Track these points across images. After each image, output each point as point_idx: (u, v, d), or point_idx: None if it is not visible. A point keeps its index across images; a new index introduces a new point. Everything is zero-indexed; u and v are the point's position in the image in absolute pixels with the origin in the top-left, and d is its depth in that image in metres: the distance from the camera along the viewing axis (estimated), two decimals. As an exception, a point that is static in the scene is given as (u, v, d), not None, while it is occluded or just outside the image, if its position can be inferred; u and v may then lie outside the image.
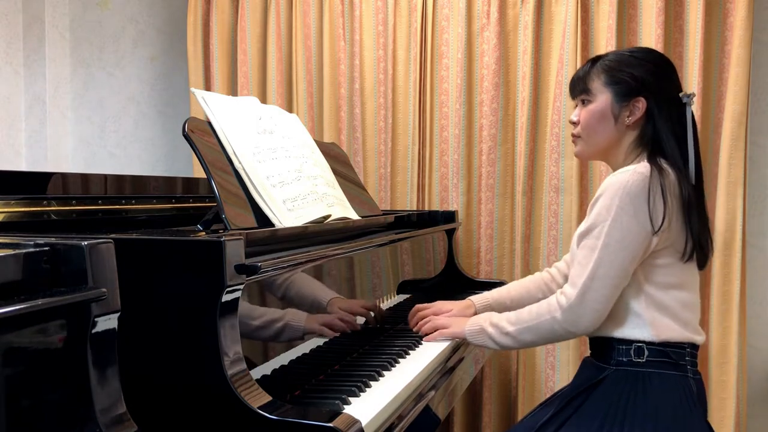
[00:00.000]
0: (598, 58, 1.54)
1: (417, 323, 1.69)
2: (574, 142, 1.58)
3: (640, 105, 1.46)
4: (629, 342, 1.42)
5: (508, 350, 1.62)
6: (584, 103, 1.53)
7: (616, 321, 1.43)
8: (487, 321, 1.54)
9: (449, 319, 1.66)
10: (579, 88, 1.55)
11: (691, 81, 2.32)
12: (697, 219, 1.41)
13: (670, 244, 1.40)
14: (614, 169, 1.51)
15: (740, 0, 2.24)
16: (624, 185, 1.37)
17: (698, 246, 1.42)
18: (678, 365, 1.41)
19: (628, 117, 1.47)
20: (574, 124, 1.55)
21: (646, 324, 1.41)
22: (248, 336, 1.13)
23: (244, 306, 1.11)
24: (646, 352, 1.40)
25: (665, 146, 1.44)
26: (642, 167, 1.39)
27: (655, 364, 1.40)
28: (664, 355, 1.40)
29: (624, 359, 1.42)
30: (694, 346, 1.44)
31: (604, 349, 1.46)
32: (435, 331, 1.64)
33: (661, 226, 1.36)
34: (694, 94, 1.48)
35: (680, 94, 1.48)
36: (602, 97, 1.49)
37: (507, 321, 1.50)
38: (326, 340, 1.40)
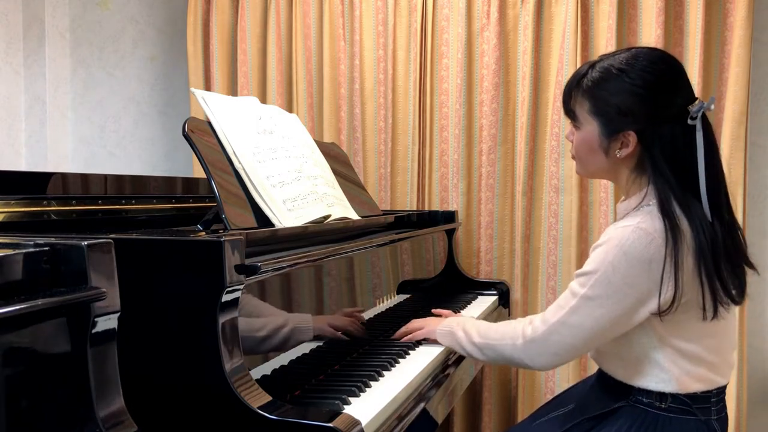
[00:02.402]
0: (583, 77, 1.32)
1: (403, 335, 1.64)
2: (573, 158, 1.41)
3: (631, 139, 1.27)
4: (650, 391, 1.29)
5: (475, 360, 1.57)
6: (573, 125, 1.37)
7: (638, 372, 1.30)
8: (460, 326, 1.49)
9: (424, 320, 1.63)
10: (566, 109, 1.37)
11: (692, 81, 2.31)
12: (714, 272, 1.22)
13: (687, 300, 1.23)
14: (620, 189, 1.38)
15: (740, 0, 2.24)
16: (622, 243, 1.21)
17: (720, 302, 1.23)
18: (702, 410, 1.29)
19: (618, 150, 1.29)
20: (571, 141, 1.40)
21: (672, 379, 1.27)
22: (255, 350, 1.13)
23: (246, 321, 1.11)
24: (669, 399, 1.28)
25: (668, 184, 1.25)
26: (648, 222, 1.22)
27: (677, 411, 1.28)
28: (688, 405, 1.28)
29: (644, 400, 1.30)
30: (721, 389, 1.32)
31: (622, 387, 1.33)
32: (409, 334, 1.61)
33: (669, 309, 1.22)
34: (712, 101, 1.27)
35: (689, 108, 1.26)
36: (588, 127, 1.32)
37: (477, 331, 1.44)
38: (326, 339, 1.40)
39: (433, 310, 1.81)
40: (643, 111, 1.26)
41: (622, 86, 1.27)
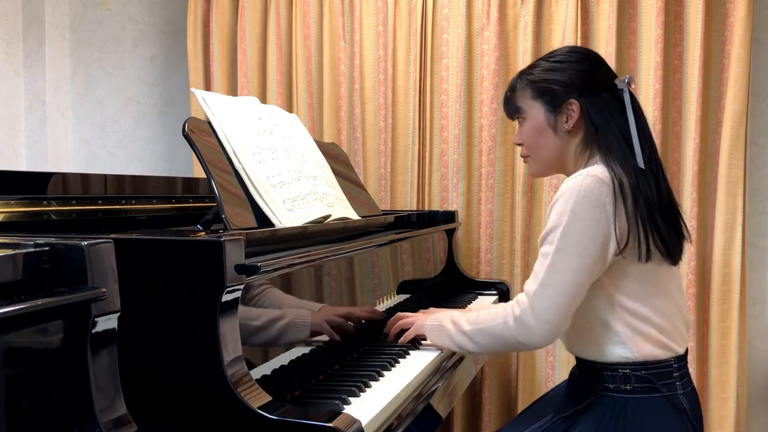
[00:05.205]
0: (521, 74, 1.50)
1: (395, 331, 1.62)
2: (525, 162, 1.54)
3: (574, 107, 1.41)
4: (614, 368, 1.35)
5: (468, 354, 1.59)
6: (520, 122, 1.49)
7: (595, 340, 1.37)
8: (448, 317, 1.47)
9: (414, 316, 1.60)
10: (511, 110, 1.51)
11: (691, 81, 2.32)
12: (646, 212, 1.32)
13: (630, 250, 1.32)
14: (570, 172, 1.46)
15: (740, 0, 2.24)
16: (578, 188, 1.30)
17: (655, 242, 1.32)
18: (666, 386, 1.34)
19: (565, 123, 1.42)
20: (520, 144, 1.51)
21: (625, 341, 1.34)
22: (252, 343, 1.13)
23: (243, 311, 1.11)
24: (633, 379, 1.33)
25: (610, 143, 1.38)
26: (597, 170, 1.33)
27: (643, 390, 1.34)
28: (651, 381, 1.34)
29: (611, 386, 1.35)
30: (680, 358, 1.37)
31: (589, 374, 1.40)
32: (402, 335, 1.57)
33: (626, 244, 1.30)
34: (631, 78, 1.42)
35: (615, 81, 1.42)
36: (534, 111, 1.45)
37: (466, 320, 1.43)
38: (326, 339, 1.40)
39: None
40: (580, 79, 1.42)
41: (556, 66, 1.44)
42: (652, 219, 1.32)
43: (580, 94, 1.41)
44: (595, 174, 1.32)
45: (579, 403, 1.39)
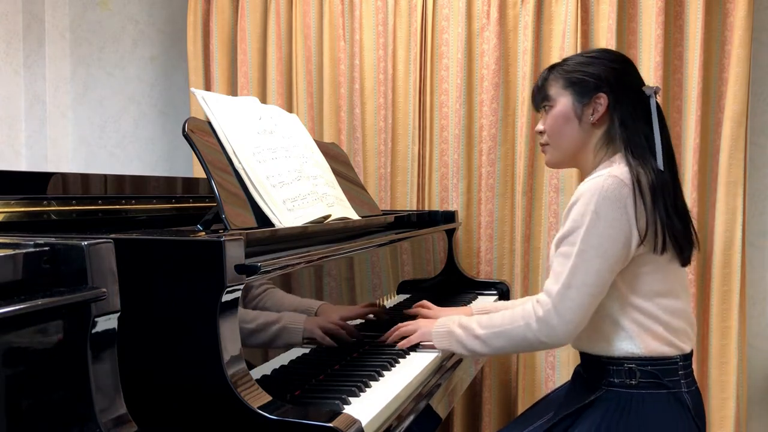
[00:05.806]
0: (554, 65, 1.54)
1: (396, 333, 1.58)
2: (543, 151, 1.56)
3: (602, 101, 1.44)
4: (620, 362, 1.37)
5: (477, 357, 1.56)
6: (547, 110, 1.51)
7: (603, 336, 1.39)
8: (456, 323, 1.47)
9: (414, 323, 1.58)
10: (540, 97, 1.54)
11: (691, 81, 2.32)
12: (663, 209, 1.35)
13: (647, 242, 1.35)
14: (586, 173, 1.48)
15: (740, 0, 2.24)
16: (599, 189, 1.33)
17: (671, 237, 1.35)
18: (671, 382, 1.36)
19: (591, 115, 1.45)
20: (541, 133, 1.53)
21: (632, 337, 1.36)
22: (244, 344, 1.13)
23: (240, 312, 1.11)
24: (638, 374, 1.35)
25: (632, 140, 1.41)
26: (617, 170, 1.36)
27: (648, 385, 1.36)
28: (656, 376, 1.35)
29: (616, 380, 1.37)
30: (686, 357, 1.39)
31: (595, 369, 1.42)
32: (399, 337, 1.55)
33: (645, 236, 1.33)
34: (658, 88, 1.46)
35: (643, 88, 1.46)
36: (563, 100, 1.48)
37: (478, 324, 1.43)
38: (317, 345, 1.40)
39: (419, 305, 1.78)
40: (612, 75, 1.45)
41: (590, 61, 1.48)
42: (668, 215, 1.35)
43: (610, 90, 1.44)
44: (615, 175, 1.34)
45: (583, 399, 1.40)
